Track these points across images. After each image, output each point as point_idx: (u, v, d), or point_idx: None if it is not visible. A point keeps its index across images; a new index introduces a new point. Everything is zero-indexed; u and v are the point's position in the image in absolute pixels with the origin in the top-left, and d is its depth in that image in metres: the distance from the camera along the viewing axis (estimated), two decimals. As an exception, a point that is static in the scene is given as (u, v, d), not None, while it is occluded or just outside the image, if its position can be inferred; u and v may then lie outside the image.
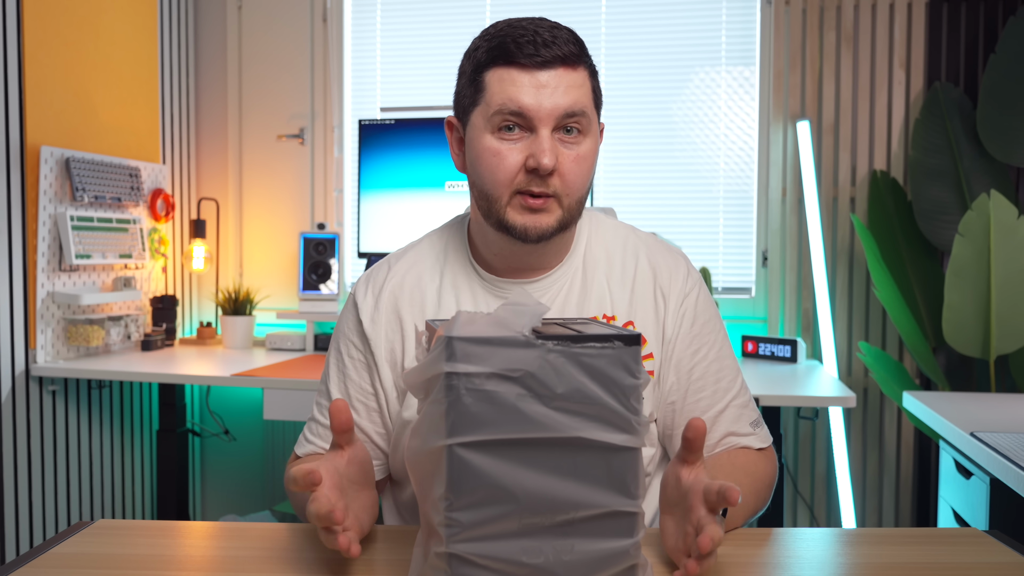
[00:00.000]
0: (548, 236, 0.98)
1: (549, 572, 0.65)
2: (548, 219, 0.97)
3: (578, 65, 0.96)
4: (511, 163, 0.95)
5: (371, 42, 2.89)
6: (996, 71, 2.41)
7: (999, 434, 1.47)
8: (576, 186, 0.97)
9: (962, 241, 2.11)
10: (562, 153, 0.96)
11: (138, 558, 0.84)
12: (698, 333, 1.08)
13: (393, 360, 1.07)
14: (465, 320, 0.67)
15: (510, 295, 1.03)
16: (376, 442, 1.08)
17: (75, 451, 2.45)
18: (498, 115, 0.95)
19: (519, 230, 0.97)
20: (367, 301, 1.09)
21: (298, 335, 2.61)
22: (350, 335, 1.09)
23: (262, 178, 2.94)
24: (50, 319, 2.31)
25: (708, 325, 1.09)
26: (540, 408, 0.64)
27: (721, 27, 2.69)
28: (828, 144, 2.62)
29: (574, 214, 1.00)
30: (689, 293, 1.08)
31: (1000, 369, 2.38)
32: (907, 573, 0.80)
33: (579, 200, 0.99)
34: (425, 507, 0.71)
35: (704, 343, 1.08)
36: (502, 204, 0.97)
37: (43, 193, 2.25)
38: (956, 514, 1.64)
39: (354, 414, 1.06)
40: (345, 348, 1.09)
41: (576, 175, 0.97)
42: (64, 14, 2.34)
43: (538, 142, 0.94)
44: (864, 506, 2.66)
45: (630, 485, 0.66)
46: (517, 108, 0.94)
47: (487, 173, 0.97)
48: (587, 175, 0.99)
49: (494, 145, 0.96)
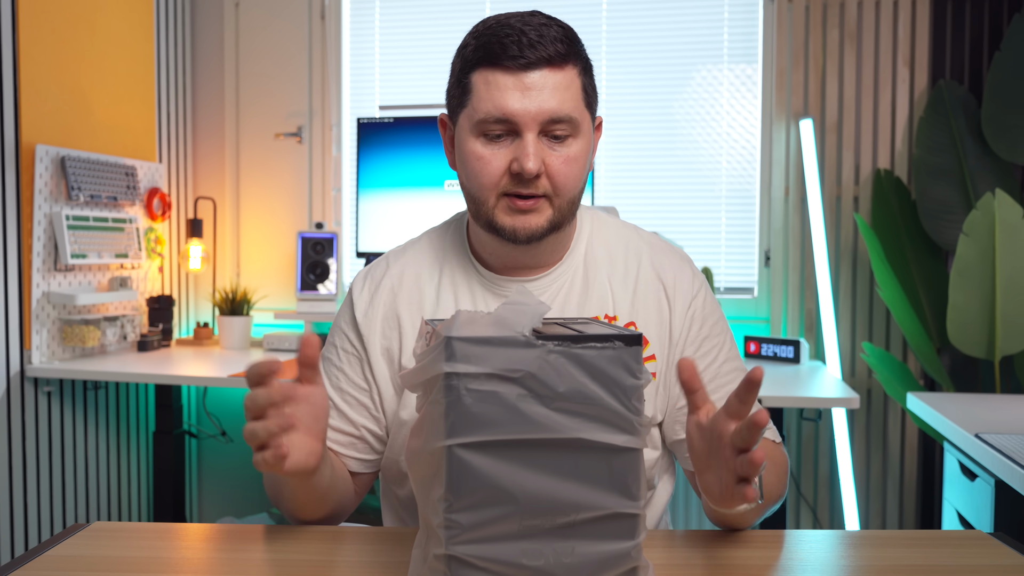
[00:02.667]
0: (539, 237, 0.98)
1: (550, 575, 0.65)
2: (538, 219, 0.97)
3: (565, 64, 0.95)
4: (495, 168, 0.96)
5: (370, 39, 2.89)
6: (1001, 69, 2.41)
7: (1004, 436, 1.47)
8: (567, 187, 0.97)
9: (967, 240, 2.11)
10: (550, 155, 0.95)
11: (134, 561, 0.84)
12: (707, 335, 1.08)
13: (389, 357, 1.06)
14: (465, 320, 0.67)
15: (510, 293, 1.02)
16: (364, 436, 1.06)
17: (71, 453, 2.45)
18: (483, 122, 0.95)
19: (508, 231, 0.98)
20: (363, 296, 1.09)
21: (296, 335, 2.61)
22: (345, 328, 1.09)
23: (259, 177, 2.94)
24: (45, 319, 2.31)
25: (716, 326, 1.09)
26: (540, 409, 0.64)
27: (723, 24, 2.69)
28: (831, 142, 2.62)
29: (566, 214, 0.99)
30: (696, 295, 1.08)
31: (1005, 370, 2.38)
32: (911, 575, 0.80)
33: (571, 200, 0.99)
34: (424, 508, 0.71)
35: (713, 345, 1.08)
36: (489, 206, 0.98)
37: (38, 192, 2.25)
38: (961, 516, 1.64)
39: (345, 406, 1.06)
40: (340, 341, 1.09)
41: (566, 176, 0.96)
42: (59, 11, 2.34)
43: (523, 146, 0.94)
44: (868, 508, 2.66)
45: (631, 486, 0.66)
46: (502, 115, 0.93)
47: (473, 176, 0.98)
48: (578, 175, 0.98)
49: (478, 150, 0.96)
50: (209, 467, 2.96)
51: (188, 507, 2.84)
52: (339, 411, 1.06)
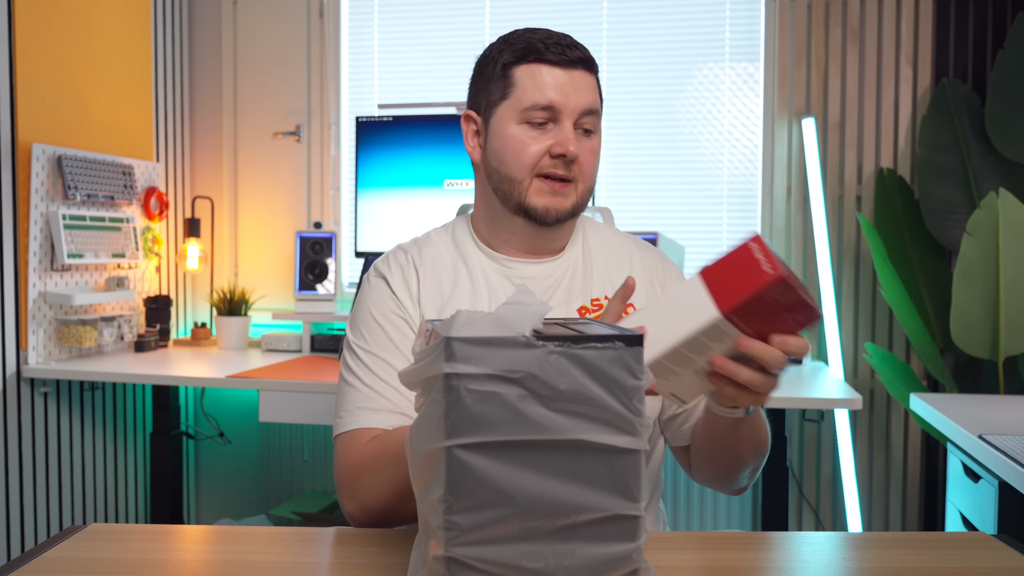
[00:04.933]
0: (564, 219, 1.10)
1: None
2: (566, 202, 1.09)
3: (592, 70, 1.10)
4: (536, 150, 1.07)
5: (368, 38, 2.89)
6: (1005, 67, 2.41)
7: (1008, 436, 1.47)
8: (590, 174, 1.11)
9: (970, 240, 2.11)
10: (580, 144, 1.08)
11: (131, 563, 0.84)
12: None
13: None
14: (465, 320, 0.67)
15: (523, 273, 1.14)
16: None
17: (67, 454, 2.45)
18: (530, 109, 1.06)
19: (540, 211, 1.08)
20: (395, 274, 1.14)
21: (294, 336, 2.61)
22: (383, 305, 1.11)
23: (258, 176, 2.94)
24: (42, 320, 2.30)
25: None
26: (541, 410, 0.64)
27: (725, 22, 2.69)
28: (834, 141, 2.62)
29: (585, 200, 1.11)
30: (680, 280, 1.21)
31: (1009, 370, 2.38)
32: (914, 578, 0.80)
33: (590, 188, 1.12)
34: (423, 509, 0.71)
35: None
36: (524, 187, 1.08)
37: (35, 191, 2.25)
38: (964, 518, 1.64)
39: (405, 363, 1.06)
40: (381, 316, 1.11)
41: (591, 165, 1.11)
42: (56, 9, 2.34)
43: (563, 131, 1.07)
44: (870, 510, 2.66)
45: (632, 488, 0.66)
46: (548, 102, 1.06)
47: (512, 158, 1.08)
48: (597, 166, 1.12)
49: (521, 135, 1.07)
50: (207, 468, 2.96)
51: (186, 508, 2.84)
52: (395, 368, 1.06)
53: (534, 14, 2.78)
